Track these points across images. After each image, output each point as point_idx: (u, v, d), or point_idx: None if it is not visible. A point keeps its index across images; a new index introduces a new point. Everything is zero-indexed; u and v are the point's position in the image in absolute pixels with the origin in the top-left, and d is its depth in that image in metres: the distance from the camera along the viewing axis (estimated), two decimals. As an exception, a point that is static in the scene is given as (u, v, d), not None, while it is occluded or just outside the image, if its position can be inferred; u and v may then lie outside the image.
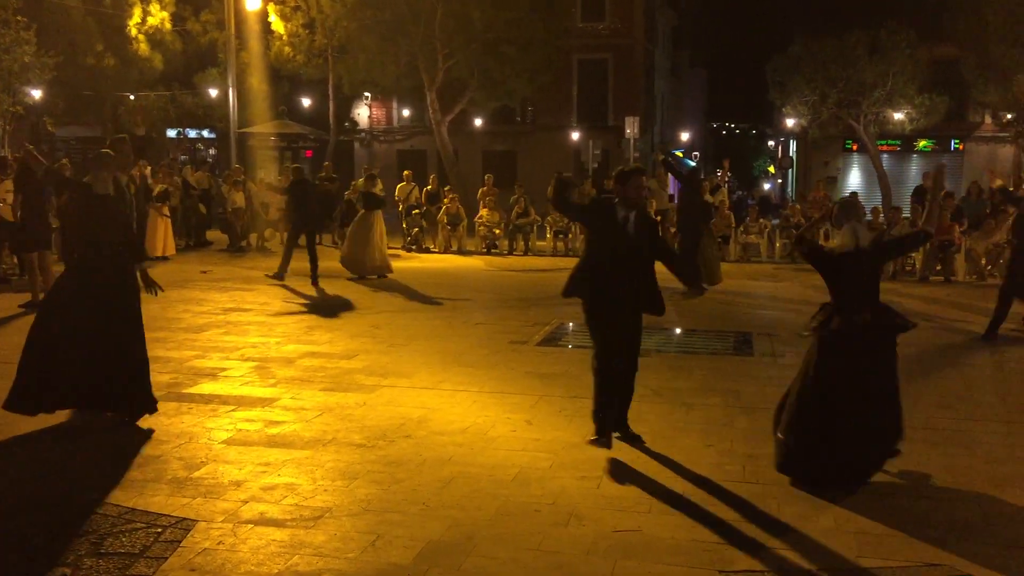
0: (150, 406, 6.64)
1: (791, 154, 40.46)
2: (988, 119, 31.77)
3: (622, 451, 6.05)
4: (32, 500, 5.13)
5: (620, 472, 5.68)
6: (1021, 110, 27.10)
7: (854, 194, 5.08)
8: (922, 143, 33.63)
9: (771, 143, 62.32)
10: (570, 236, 20.42)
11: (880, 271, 5.85)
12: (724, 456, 5.97)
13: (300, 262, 14.24)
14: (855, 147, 33.66)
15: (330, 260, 15.75)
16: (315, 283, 13.98)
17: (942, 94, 28.10)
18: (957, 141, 33.88)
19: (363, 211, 15.45)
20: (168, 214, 17.94)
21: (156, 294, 6.96)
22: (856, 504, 5.20)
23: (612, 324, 6.06)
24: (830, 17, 29.66)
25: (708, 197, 14.18)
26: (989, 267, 16.22)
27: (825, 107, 28.39)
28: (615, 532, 4.76)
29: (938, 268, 16.52)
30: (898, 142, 32.89)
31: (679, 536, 4.73)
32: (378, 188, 15.82)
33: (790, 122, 33.09)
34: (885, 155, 32.30)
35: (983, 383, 8.47)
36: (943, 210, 16.88)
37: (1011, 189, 11.56)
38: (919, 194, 19.29)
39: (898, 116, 28.50)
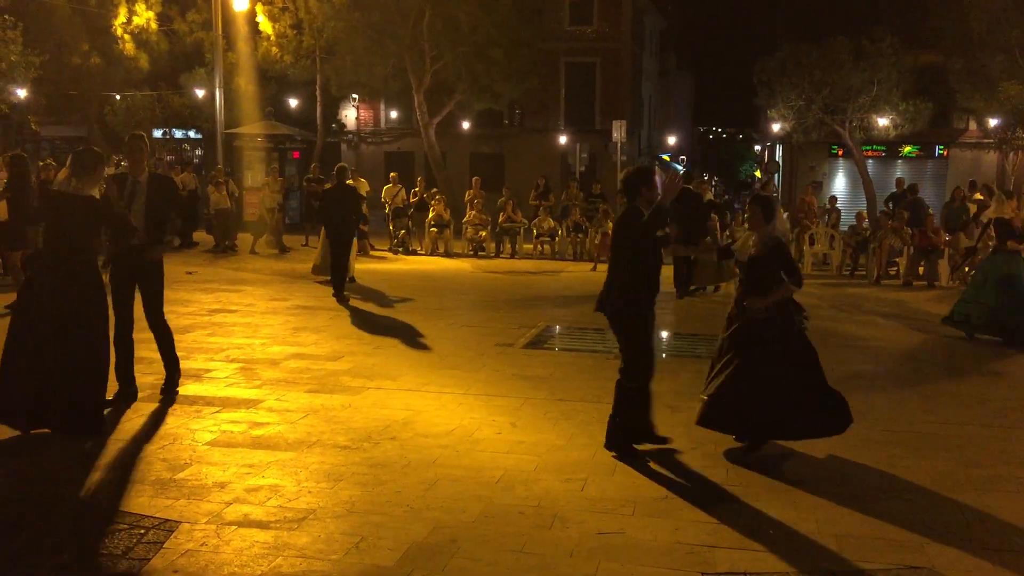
0: (92, 426, 6.25)
1: (777, 159, 40.59)
2: (973, 125, 32.01)
3: (607, 454, 6.07)
4: (12, 502, 5.11)
5: (604, 475, 5.70)
6: (1006, 116, 27.31)
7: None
8: (907, 149, 33.84)
9: (757, 148, 62.56)
10: (556, 239, 20.45)
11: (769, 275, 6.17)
12: (708, 459, 6.00)
13: (299, 263, 14.15)
14: (840, 152, 33.82)
15: (302, 263, 15.72)
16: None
17: (926, 100, 28.28)
18: (942, 147, 34.11)
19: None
20: None
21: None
22: (838, 507, 5.24)
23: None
24: (815, 23, 29.82)
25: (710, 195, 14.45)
26: (969, 269, 16.33)
27: (811, 112, 28.51)
28: (599, 534, 4.78)
29: (920, 271, 16.65)
30: (883, 148, 33.06)
31: (662, 538, 4.75)
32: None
33: (776, 127, 33.23)
34: (870, 160, 32.46)
35: (966, 387, 8.54)
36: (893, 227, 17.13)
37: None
38: (896, 199, 19.43)
39: (883, 122, 28.65)
